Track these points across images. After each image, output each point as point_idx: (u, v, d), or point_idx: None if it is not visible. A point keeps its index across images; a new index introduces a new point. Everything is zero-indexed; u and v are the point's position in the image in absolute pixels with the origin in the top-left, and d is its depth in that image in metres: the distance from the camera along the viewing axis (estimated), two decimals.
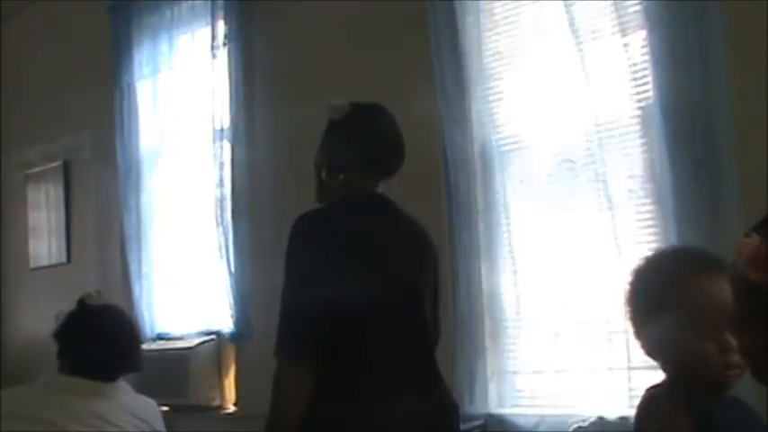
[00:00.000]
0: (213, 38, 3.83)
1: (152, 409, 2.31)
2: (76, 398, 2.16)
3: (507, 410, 2.83)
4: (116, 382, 2.24)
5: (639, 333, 1.44)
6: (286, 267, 1.83)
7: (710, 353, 1.33)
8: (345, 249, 1.83)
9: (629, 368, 2.49)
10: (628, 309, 1.46)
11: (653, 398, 1.41)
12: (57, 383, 2.21)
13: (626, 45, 2.60)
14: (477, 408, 2.82)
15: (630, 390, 2.49)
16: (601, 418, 2.47)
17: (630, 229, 2.61)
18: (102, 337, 2.25)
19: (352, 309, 1.79)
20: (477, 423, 2.79)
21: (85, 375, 2.19)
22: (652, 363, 1.45)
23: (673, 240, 2.43)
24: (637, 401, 1.44)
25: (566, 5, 2.74)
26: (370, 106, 2.03)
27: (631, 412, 2.12)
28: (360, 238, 1.86)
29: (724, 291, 1.14)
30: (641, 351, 1.46)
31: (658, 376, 1.44)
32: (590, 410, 2.53)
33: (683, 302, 1.36)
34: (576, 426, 2.49)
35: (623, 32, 2.60)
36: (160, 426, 2.30)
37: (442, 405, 1.93)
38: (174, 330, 3.97)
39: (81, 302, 2.31)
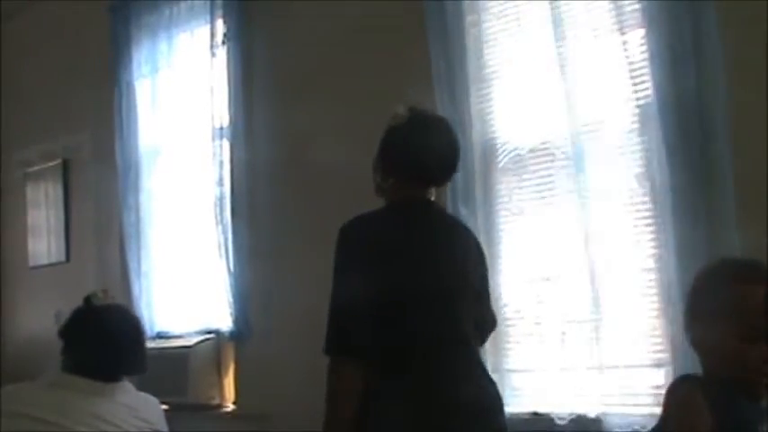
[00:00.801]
0: (212, 36, 3.84)
1: (154, 409, 2.31)
2: (77, 397, 2.15)
3: (507, 409, 2.83)
4: (119, 382, 2.23)
5: (688, 329, 1.56)
6: (333, 269, 1.95)
7: (746, 353, 1.40)
8: (384, 253, 1.93)
9: (628, 367, 2.49)
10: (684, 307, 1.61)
11: (681, 384, 1.51)
12: (59, 382, 2.20)
13: (625, 43, 2.60)
14: None
15: (631, 388, 2.48)
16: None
17: (628, 228, 2.62)
18: (106, 337, 2.24)
19: (389, 308, 1.89)
20: None
21: (88, 374, 2.18)
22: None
23: (670, 238, 2.44)
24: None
25: (565, 4, 2.75)
26: (427, 116, 2.13)
27: (632, 411, 2.14)
28: (397, 242, 1.97)
29: (765, 298, 1.26)
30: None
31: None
32: (589, 408, 2.54)
33: (726, 305, 1.45)
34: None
35: (622, 31, 2.61)
36: (162, 425, 2.30)
37: (475, 403, 1.98)
38: (174, 329, 3.97)
39: (87, 301, 2.30)
